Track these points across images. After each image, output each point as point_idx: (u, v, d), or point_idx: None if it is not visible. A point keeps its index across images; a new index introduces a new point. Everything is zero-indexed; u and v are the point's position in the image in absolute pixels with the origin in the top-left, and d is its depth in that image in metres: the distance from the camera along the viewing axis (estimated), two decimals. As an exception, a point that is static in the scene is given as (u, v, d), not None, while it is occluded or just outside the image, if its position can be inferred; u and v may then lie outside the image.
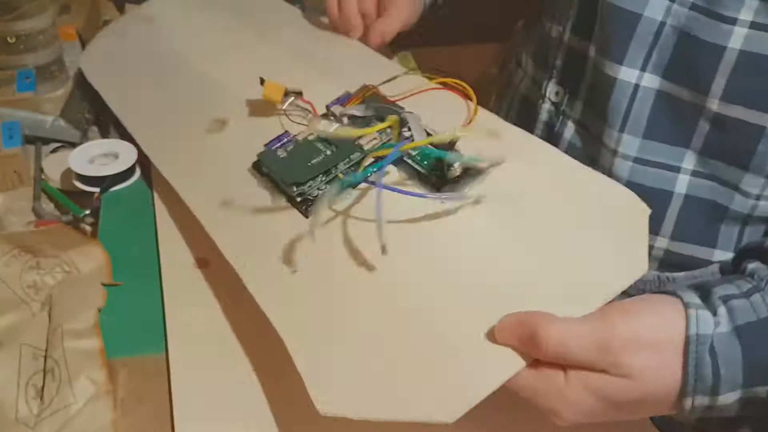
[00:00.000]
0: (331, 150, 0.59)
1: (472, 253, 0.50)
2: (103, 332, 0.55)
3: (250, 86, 0.68)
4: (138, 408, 0.50)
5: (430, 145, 0.54)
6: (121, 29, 0.96)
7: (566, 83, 0.65)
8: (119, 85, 0.84)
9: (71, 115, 0.85)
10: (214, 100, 0.73)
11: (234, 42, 0.83)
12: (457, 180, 0.54)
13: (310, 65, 0.74)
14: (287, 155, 0.59)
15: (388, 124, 0.58)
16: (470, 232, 0.52)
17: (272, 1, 0.93)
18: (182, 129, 0.71)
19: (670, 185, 0.58)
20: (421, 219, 0.53)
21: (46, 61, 0.90)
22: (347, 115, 0.62)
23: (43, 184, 0.74)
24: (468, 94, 0.63)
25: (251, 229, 0.57)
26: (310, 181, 0.56)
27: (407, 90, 0.65)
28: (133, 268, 0.61)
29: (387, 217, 0.48)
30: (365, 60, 0.76)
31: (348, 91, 0.66)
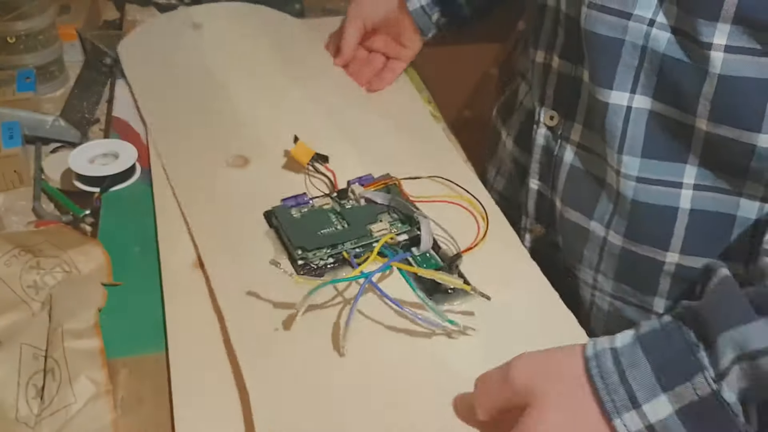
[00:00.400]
0: (343, 226, 0.61)
1: (441, 364, 0.52)
2: (103, 332, 0.55)
3: (278, 131, 0.73)
4: (138, 407, 0.50)
5: (432, 260, 0.58)
6: (165, 27, 0.97)
7: (561, 108, 0.65)
8: (151, 83, 0.85)
9: (71, 115, 0.85)
10: (241, 133, 0.76)
11: (272, 79, 0.86)
12: (448, 293, 0.56)
13: (343, 130, 0.77)
14: (300, 217, 0.62)
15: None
16: (447, 346, 0.53)
17: (314, 43, 0.95)
18: (205, 152, 0.73)
19: (675, 201, 0.58)
20: (402, 325, 0.55)
21: (46, 61, 0.91)
22: (366, 198, 0.64)
23: (43, 184, 0.74)
24: (479, 216, 0.65)
25: (248, 274, 0.58)
26: (316, 250, 0.59)
27: (427, 193, 0.67)
28: (133, 267, 0.61)
29: (373, 307, 0.54)
30: (397, 140, 0.77)
31: (371, 174, 0.68)
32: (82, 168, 0.71)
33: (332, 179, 0.68)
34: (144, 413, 0.49)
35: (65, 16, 1.00)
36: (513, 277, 0.61)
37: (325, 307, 0.56)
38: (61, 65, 0.94)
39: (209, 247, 0.61)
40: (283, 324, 0.54)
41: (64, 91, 0.92)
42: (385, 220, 0.62)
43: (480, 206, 0.65)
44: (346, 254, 0.59)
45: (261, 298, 0.56)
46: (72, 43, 0.97)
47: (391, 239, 0.59)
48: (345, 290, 0.57)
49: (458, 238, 0.62)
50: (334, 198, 0.66)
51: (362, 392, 0.50)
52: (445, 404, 0.48)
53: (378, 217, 0.62)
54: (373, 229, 0.61)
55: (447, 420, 0.48)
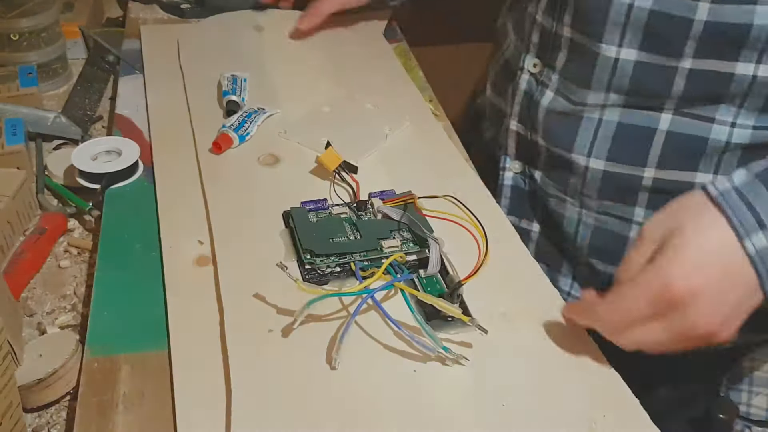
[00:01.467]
0: (355, 237, 0.62)
1: (430, 391, 0.51)
2: (106, 329, 0.55)
3: (314, 134, 0.76)
4: (140, 404, 0.50)
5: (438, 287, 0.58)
6: (228, 26, 1.00)
7: (543, 57, 0.71)
8: (202, 75, 0.87)
9: (73, 112, 0.85)
10: (276, 132, 0.77)
11: (323, 89, 0.87)
12: (447, 320, 0.55)
13: (376, 143, 0.77)
14: (316, 222, 0.63)
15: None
16: (437, 378, 0.52)
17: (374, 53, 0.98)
18: (241, 146, 0.75)
19: (655, 123, 0.65)
20: (398, 346, 0.54)
21: (49, 59, 0.91)
22: (383, 213, 0.65)
23: (46, 180, 0.74)
24: (480, 243, 0.63)
25: (255, 272, 0.59)
26: (324, 257, 0.59)
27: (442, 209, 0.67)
28: (135, 264, 0.61)
29: (372, 324, 0.54)
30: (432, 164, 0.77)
31: (394, 190, 0.69)
32: (85, 165, 0.71)
33: (355, 189, 0.69)
34: (146, 410, 0.49)
35: (68, 14, 1.00)
36: (523, 305, 0.58)
37: (324, 316, 0.55)
38: (64, 62, 0.94)
39: (223, 240, 0.62)
40: (279, 327, 0.54)
41: (66, 88, 0.92)
42: (397, 238, 0.62)
43: (482, 231, 0.63)
44: (353, 266, 0.59)
45: (263, 297, 0.56)
46: (75, 40, 0.98)
47: (400, 258, 0.59)
48: (348, 302, 0.57)
49: (471, 261, 0.61)
50: (352, 208, 0.66)
51: (346, 407, 0.49)
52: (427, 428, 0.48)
53: (391, 234, 0.62)
54: (384, 245, 0.61)
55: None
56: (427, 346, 0.52)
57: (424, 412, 0.49)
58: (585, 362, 0.54)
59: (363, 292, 0.54)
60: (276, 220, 0.65)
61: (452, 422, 0.49)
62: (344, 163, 0.70)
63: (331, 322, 0.55)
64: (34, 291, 0.63)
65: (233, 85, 0.82)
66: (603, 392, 0.51)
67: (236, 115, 0.77)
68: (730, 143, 0.63)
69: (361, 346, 0.53)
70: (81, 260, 0.67)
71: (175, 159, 0.73)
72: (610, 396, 0.51)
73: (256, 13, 1.02)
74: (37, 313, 0.61)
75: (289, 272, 0.53)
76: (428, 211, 0.66)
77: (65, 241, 0.69)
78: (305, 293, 0.52)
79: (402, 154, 0.77)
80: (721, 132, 0.63)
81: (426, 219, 0.65)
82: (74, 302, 0.62)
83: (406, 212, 0.64)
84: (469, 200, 0.67)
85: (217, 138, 0.73)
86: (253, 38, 0.97)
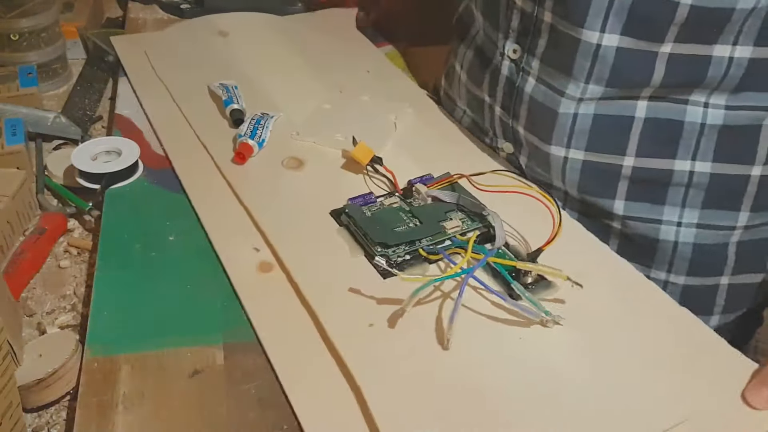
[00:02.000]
0: (414, 223, 0.63)
1: (539, 359, 0.52)
2: (106, 329, 0.55)
3: (324, 132, 0.77)
4: (140, 404, 0.50)
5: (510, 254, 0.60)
6: (192, 33, 0.99)
7: (523, 42, 0.70)
8: (185, 87, 0.86)
9: (72, 113, 0.85)
10: (288, 135, 0.78)
11: (305, 82, 0.88)
12: (529, 286, 0.57)
13: (387, 133, 0.78)
14: (372, 215, 0.64)
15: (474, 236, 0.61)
16: (542, 341, 0.54)
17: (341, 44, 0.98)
18: (258, 156, 0.74)
19: (632, 111, 0.65)
20: (498, 316, 0.56)
21: (49, 59, 0.91)
22: (432, 196, 0.66)
23: (46, 180, 0.74)
24: (551, 207, 0.64)
25: (330, 274, 0.59)
26: (395, 247, 0.60)
27: (489, 183, 0.68)
28: (135, 264, 0.61)
29: (466, 304, 0.55)
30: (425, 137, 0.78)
31: (431, 174, 0.69)
32: (85, 165, 0.71)
33: (392, 179, 0.69)
34: (146, 410, 0.49)
35: (68, 14, 1.00)
36: (586, 262, 0.61)
37: (417, 302, 0.55)
38: (64, 62, 0.94)
39: (286, 248, 0.61)
40: (379, 320, 0.55)
41: (66, 88, 0.93)
42: (456, 218, 0.63)
43: (549, 197, 0.65)
44: (422, 251, 0.60)
45: (349, 294, 0.57)
46: (75, 40, 0.98)
47: (464, 237, 0.61)
48: (439, 284, 0.58)
49: (524, 230, 0.64)
50: (400, 197, 0.67)
51: (467, 382, 0.50)
52: (551, 392, 0.50)
53: (448, 215, 0.64)
54: (446, 227, 0.62)
55: (555, 411, 0.48)
56: (530, 311, 0.54)
57: (539, 375, 0.51)
58: (660, 308, 0.57)
59: (462, 273, 0.56)
60: (325, 220, 0.65)
61: (571, 379, 0.50)
62: (374, 156, 0.70)
63: (425, 307, 0.56)
64: (34, 291, 0.63)
65: (229, 94, 0.81)
66: (685, 331, 0.55)
67: (245, 123, 0.77)
68: (705, 125, 0.63)
69: (465, 322, 0.54)
70: (81, 260, 0.67)
71: (197, 171, 0.72)
72: (691, 333, 0.55)
73: (217, 18, 1.01)
74: (36, 313, 0.61)
75: (384, 266, 0.57)
76: (485, 187, 0.68)
77: (65, 241, 0.68)
78: (390, 284, 0.56)
79: (416, 139, 0.77)
80: (696, 114, 0.63)
81: (478, 201, 0.66)
82: (74, 302, 0.62)
83: (455, 191, 0.66)
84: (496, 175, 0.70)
85: (239, 148, 0.73)
86: (220, 44, 0.96)
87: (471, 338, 0.54)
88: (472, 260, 0.58)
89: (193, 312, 0.57)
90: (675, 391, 0.50)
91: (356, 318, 0.55)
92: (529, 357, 0.52)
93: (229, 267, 0.61)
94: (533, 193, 0.66)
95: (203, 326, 0.56)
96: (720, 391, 0.50)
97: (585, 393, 0.50)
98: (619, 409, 0.49)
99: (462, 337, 0.53)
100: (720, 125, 0.63)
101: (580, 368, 0.51)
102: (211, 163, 0.73)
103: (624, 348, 0.53)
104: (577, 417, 0.48)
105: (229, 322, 0.56)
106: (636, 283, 0.60)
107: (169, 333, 0.55)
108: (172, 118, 0.81)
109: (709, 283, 0.69)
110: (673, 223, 0.67)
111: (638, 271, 0.61)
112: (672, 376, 0.51)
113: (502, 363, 0.52)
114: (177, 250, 0.63)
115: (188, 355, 0.53)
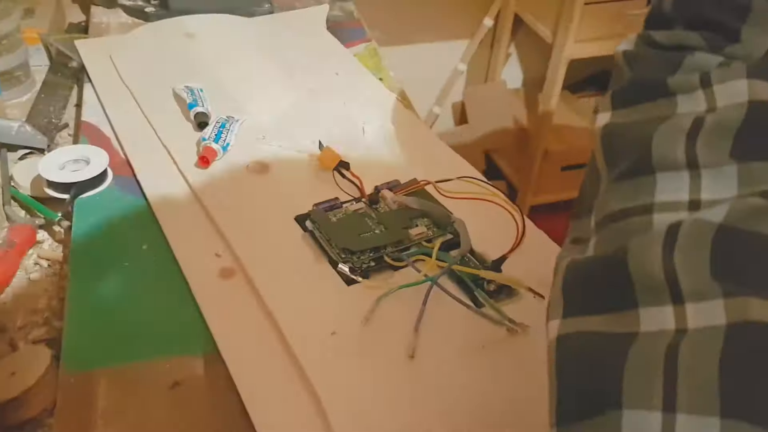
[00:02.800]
0: (380, 230, 0.62)
1: (503, 367, 0.52)
2: (81, 343, 0.54)
3: (291, 135, 0.76)
4: (120, 418, 0.49)
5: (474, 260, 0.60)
6: (158, 35, 0.97)
7: None
8: (149, 90, 0.84)
9: (37, 121, 0.83)
10: (254, 139, 0.76)
11: (281, 90, 0.86)
12: (493, 294, 0.57)
13: (355, 138, 0.77)
14: (337, 221, 0.63)
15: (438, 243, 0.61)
16: (507, 348, 0.54)
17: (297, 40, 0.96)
18: (223, 160, 0.73)
19: None
20: (462, 324, 0.56)
21: (11, 66, 0.89)
22: (398, 203, 0.65)
23: (12, 191, 0.72)
24: (515, 215, 0.65)
25: (293, 281, 0.58)
26: (359, 253, 0.59)
27: (455, 189, 0.68)
28: (108, 275, 0.60)
29: (430, 312, 0.55)
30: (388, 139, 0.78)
31: (398, 180, 0.69)
32: (53, 174, 0.69)
33: (359, 185, 0.68)
34: (126, 425, 0.48)
35: (30, 20, 0.98)
36: (550, 269, 0.60)
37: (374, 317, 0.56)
38: (27, 70, 0.92)
39: (249, 254, 0.60)
40: (341, 328, 0.54)
41: (30, 96, 0.90)
42: (421, 224, 0.63)
43: (513, 204, 0.66)
44: (388, 258, 0.59)
45: (312, 302, 0.56)
46: (37, 46, 0.96)
47: (430, 244, 0.61)
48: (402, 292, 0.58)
49: (488, 238, 0.63)
50: (366, 203, 0.66)
51: (436, 394, 0.50)
52: (515, 401, 0.49)
53: (413, 222, 0.63)
54: (412, 233, 0.62)
55: (520, 419, 0.48)
56: (494, 319, 0.54)
57: (504, 383, 0.51)
58: None
59: (427, 280, 0.56)
60: (289, 225, 0.64)
61: (535, 387, 0.49)
62: (340, 161, 0.70)
63: (389, 314, 0.56)
64: (5, 305, 0.61)
65: (193, 97, 0.80)
66: None
67: (210, 126, 0.75)
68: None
69: (430, 330, 0.54)
70: (52, 272, 0.65)
71: (160, 176, 0.71)
72: None
73: (184, 20, 0.99)
74: (8, 328, 0.59)
75: (347, 273, 0.57)
76: (451, 193, 0.68)
77: (35, 253, 0.67)
78: (354, 291, 0.56)
79: (384, 145, 0.77)
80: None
81: (443, 207, 0.66)
82: (47, 316, 0.61)
83: (423, 199, 0.65)
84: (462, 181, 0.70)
85: (203, 152, 0.72)
86: (187, 46, 0.94)
87: (435, 346, 0.53)
88: (437, 267, 0.58)
89: (170, 322, 0.56)
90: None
91: (318, 326, 0.54)
92: (493, 365, 0.52)
93: (188, 272, 0.60)
94: (498, 201, 0.67)
95: (181, 336, 0.55)
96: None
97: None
98: None
99: (427, 344, 0.53)
100: None
101: (545, 376, 0.51)
102: (174, 168, 0.72)
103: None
104: (542, 426, 0.48)
105: (209, 331, 0.55)
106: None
107: (147, 345, 0.54)
108: (136, 123, 0.79)
109: None
110: None
111: None
112: None
113: (466, 371, 0.52)
114: (150, 258, 0.62)
115: (167, 367, 0.53)
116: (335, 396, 0.49)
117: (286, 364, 0.52)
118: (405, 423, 0.48)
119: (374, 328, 0.54)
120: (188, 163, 0.72)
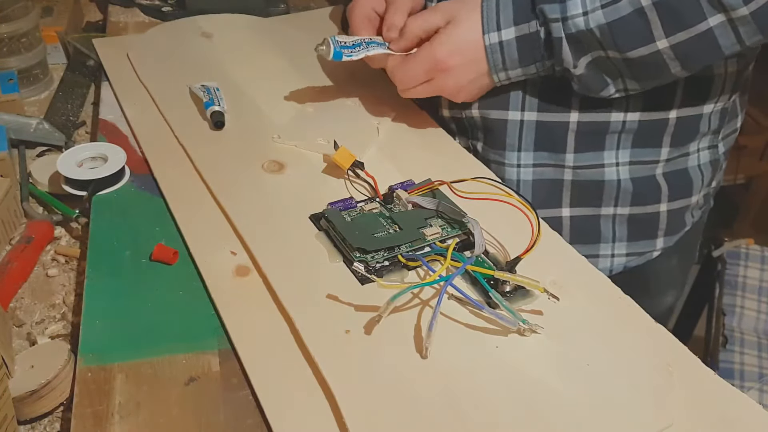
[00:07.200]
0: (394, 229, 0.62)
1: (516, 368, 0.52)
2: (98, 338, 0.54)
3: (306, 136, 0.76)
4: (136, 413, 0.49)
5: (489, 262, 0.60)
6: (175, 34, 0.97)
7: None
8: (166, 89, 0.85)
9: (55, 118, 0.84)
10: (269, 137, 0.77)
11: (288, 84, 0.86)
12: (507, 295, 0.57)
13: (369, 137, 0.78)
14: (351, 220, 0.63)
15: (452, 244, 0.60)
16: (520, 350, 0.54)
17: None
18: (239, 157, 0.74)
19: (567, 118, 0.74)
20: (476, 324, 0.56)
21: (29, 64, 0.90)
22: (412, 203, 0.65)
23: (30, 187, 0.73)
24: (530, 215, 0.66)
25: (308, 279, 0.59)
26: (374, 253, 0.59)
27: (469, 190, 0.69)
28: (125, 271, 0.61)
29: (444, 312, 0.55)
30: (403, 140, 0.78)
31: (412, 180, 0.69)
32: (71, 171, 0.70)
33: (373, 184, 0.69)
34: (142, 419, 0.49)
35: (48, 19, 0.99)
36: (564, 271, 0.61)
37: (394, 309, 0.56)
38: (45, 68, 0.93)
39: (264, 252, 0.61)
40: (356, 326, 0.54)
41: (48, 93, 0.91)
42: (435, 225, 0.63)
43: (527, 205, 0.66)
44: (402, 257, 0.60)
45: (326, 300, 0.56)
46: (55, 45, 0.97)
47: (444, 244, 0.61)
48: (417, 292, 0.58)
49: (503, 238, 0.63)
50: (380, 203, 0.66)
51: (449, 393, 0.50)
52: (528, 402, 0.50)
53: (428, 222, 0.63)
54: (426, 233, 0.62)
55: (532, 420, 0.48)
56: (508, 320, 0.54)
57: (516, 384, 0.51)
58: (635, 321, 0.57)
59: (441, 280, 0.56)
60: (303, 224, 0.64)
61: (547, 389, 0.50)
62: (355, 161, 0.70)
63: (403, 314, 0.56)
64: (23, 301, 0.62)
65: (210, 96, 0.81)
66: (660, 345, 0.55)
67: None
68: (626, 122, 0.74)
69: (443, 330, 0.54)
70: (69, 268, 0.66)
71: (176, 174, 0.72)
72: (665, 348, 0.55)
73: (200, 20, 1.00)
74: (26, 323, 0.60)
75: (362, 272, 0.57)
76: (465, 194, 0.68)
77: (52, 249, 0.68)
78: (368, 290, 0.56)
79: (398, 145, 0.77)
80: (618, 116, 0.74)
81: (458, 206, 0.66)
82: (64, 311, 0.61)
83: (436, 198, 0.66)
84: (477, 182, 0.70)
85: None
86: (204, 46, 0.95)
87: (449, 346, 0.53)
88: (451, 268, 0.58)
89: (186, 318, 0.57)
90: (649, 403, 0.50)
91: (333, 324, 0.54)
92: (506, 366, 0.52)
93: (204, 271, 0.60)
94: (513, 201, 0.67)
95: (197, 332, 0.55)
96: (692, 405, 0.50)
97: (561, 402, 0.50)
98: (595, 419, 0.49)
99: (440, 345, 0.53)
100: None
101: (556, 378, 0.51)
102: (191, 166, 0.72)
103: (600, 359, 0.53)
104: (553, 427, 0.48)
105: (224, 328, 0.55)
106: (612, 296, 0.59)
107: (163, 340, 0.55)
108: (152, 122, 0.80)
109: (649, 210, 0.78)
110: (612, 165, 0.75)
111: (590, 211, 0.76)
112: (647, 388, 0.51)
113: (479, 371, 0.52)
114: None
115: (183, 362, 0.53)
116: (349, 394, 0.49)
117: (301, 362, 0.52)
118: (418, 422, 0.48)
119: (388, 327, 0.54)
120: (204, 162, 0.72)
